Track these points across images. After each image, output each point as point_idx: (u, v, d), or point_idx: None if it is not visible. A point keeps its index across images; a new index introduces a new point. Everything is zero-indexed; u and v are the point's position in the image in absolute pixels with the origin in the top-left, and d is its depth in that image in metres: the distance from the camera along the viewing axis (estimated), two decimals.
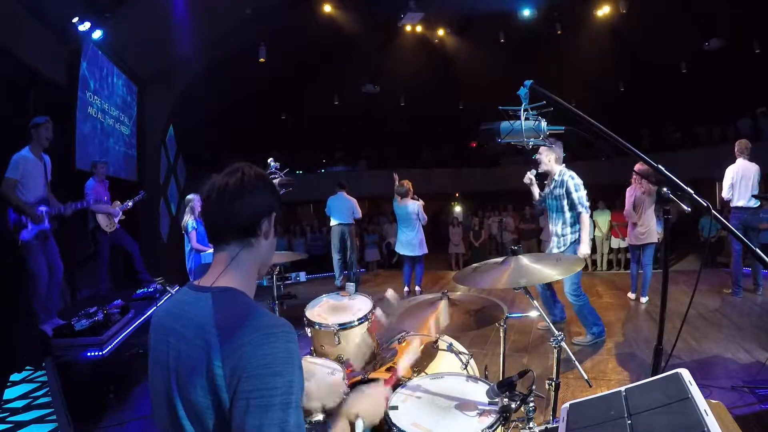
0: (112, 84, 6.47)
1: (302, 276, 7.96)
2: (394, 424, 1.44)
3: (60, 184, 4.18)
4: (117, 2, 5.73)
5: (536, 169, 4.05)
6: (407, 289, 6.24)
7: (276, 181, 3.18)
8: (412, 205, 5.95)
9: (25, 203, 3.64)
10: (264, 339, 0.89)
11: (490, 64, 12.22)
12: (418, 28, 11.72)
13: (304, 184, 10.76)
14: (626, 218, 5.38)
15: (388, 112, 14.55)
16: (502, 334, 2.03)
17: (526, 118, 1.49)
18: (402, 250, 6.14)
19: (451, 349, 2.08)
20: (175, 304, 1.06)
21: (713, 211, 1.21)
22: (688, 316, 4.37)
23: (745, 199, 4.96)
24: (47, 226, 3.78)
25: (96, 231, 5.24)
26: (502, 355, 2.09)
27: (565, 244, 3.91)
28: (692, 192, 1.23)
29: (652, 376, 1.21)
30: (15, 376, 3.13)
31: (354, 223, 6.95)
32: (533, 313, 1.91)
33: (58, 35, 5.11)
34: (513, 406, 1.45)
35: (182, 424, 0.94)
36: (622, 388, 1.19)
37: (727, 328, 4.19)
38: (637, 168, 4.03)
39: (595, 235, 10.26)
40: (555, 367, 1.85)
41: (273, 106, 13.88)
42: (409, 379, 1.84)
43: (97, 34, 5.59)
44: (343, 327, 2.15)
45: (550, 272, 1.85)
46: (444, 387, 1.68)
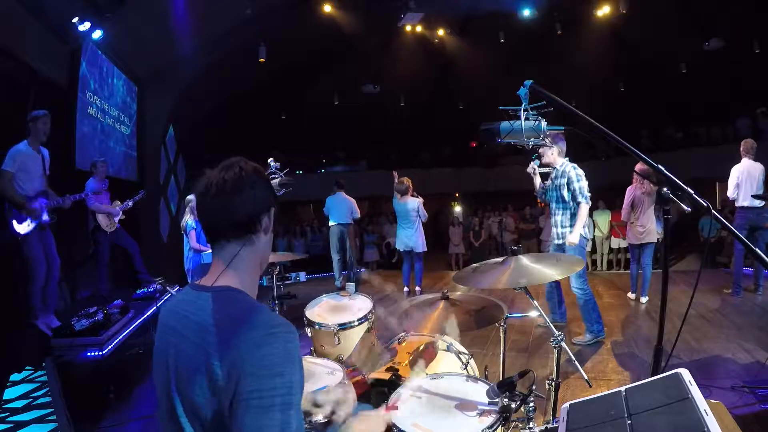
0: (112, 84, 6.47)
1: (302, 276, 8.00)
2: (395, 425, 1.44)
3: (60, 184, 4.18)
4: (117, 2, 5.73)
5: (539, 160, 4.05)
6: (407, 289, 6.24)
7: (276, 181, 3.18)
8: (412, 202, 5.95)
9: (23, 196, 3.64)
10: (263, 339, 0.88)
11: (490, 64, 12.22)
12: (418, 28, 11.71)
13: (304, 184, 10.78)
14: (622, 218, 5.39)
15: (388, 112, 14.55)
16: (502, 334, 2.03)
17: (526, 118, 1.49)
18: (402, 246, 6.14)
19: (451, 349, 2.08)
20: (177, 303, 1.06)
21: (713, 211, 1.20)
22: (688, 316, 4.37)
23: (751, 199, 4.96)
24: (46, 219, 3.79)
25: (96, 231, 5.24)
26: (502, 355, 2.09)
27: (565, 236, 3.90)
28: (692, 192, 1.22)
29: (652, 376, 1.21)
30: (15, 376, 3.13)
31: (352, 223, 6.95)
32: (533, 313, 1.91)
33: (58, 35, 5.11)
34: (513, 406, 1.45)
35: (181, 422, 0.94)
36: (622, 388, 1.19)
37: (727, 328, 4.19)
38: (638, 168, 4.03)
39: (595, 235, 10.26)
40: (555, 367, 1.86)
41: (273, 106, 13.88)
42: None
43: (97, 34, 5.59)
44: (343, 327, 2.15)
45: (550, 272, 1.85)
46: (444, 387, 1.68)
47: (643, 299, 5.27)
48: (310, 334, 2.25)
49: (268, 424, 0.83)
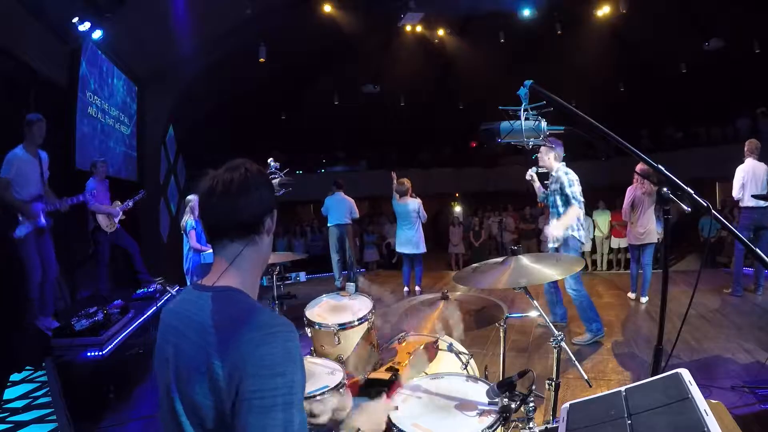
0: (112, 84, 6.47)
1: (302, 276, 7.99)
2: (395, 425, 1.44)
3: (60, 185, 4.18)
4: (117, 2, 5.73)
5: (536, 167, 4.08)
6: (407, 289, 6.24)
7: (276, 181, 3.18)
8: (413, 203, 5.94)
9: (20, 201, 3.62)
10: (263, 339, 0.88)
11: (490, 64, 12.22)
12: (418, 28, 11.71)
13: (304, 184, 10.77)
14: (623, 217, 5.39)
15: (388, 112, 14.54)
16: (502, 334, 2.03)
17: (526, 118, 1.49)
18: (402, 248, 6.13)
19: (451, 349, 2.08)
20: (179, 303, 1.06)
21: (713, 211, 1.20)
22: (688, 316, 4.37)
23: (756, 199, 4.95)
24: (43, 222, 3.77)
25: (96, 231, 5.24)
26: (502, 355, 2.09)
27: (558, 240, 3.93)
28: (692, 192, 1.22)
29: (652, 376, 1.21)
30: (15, 376, 3.13)
31: (351, 223, 6.93)
32: (533, 313, 1.91)
33: (58, 35, 5.11)
34: (513, 406, 1.45)
35: (181, 421, 0.94)
36: (622, 388, 1.19)
37: (727, 328, 4.19)
38: (639, 168, 4.03)
39: (595, 235, 10.27)
40: (555, 367, 1.85)
41: (273, 106, 13.87)
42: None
43: (97, 34, 5.59)
44: (343, 327, 2.15)
45: (550, 272, 1.85)
46: (444, 387, 1.68)
47: (643, 299, 5.27)
48: (310, 334, 2.24)
49: (271, 423, 0.84)
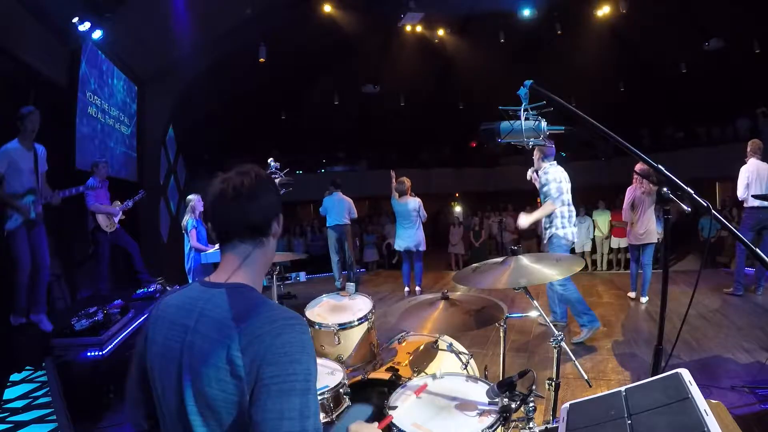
0: (112, 84, 6.47)
1: (302, 276, 7.98)
2: (395, 425, 1.44)
3: (60, 185, 4.17)
4: (117, 2, 5.74)
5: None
6: (407, 289, 6.24)
7: (276, 181, 3.18)
8: (413, 202, 5.95)
9: (10, 194, 3.60)
10: (281, 329, 0.93)
11: (490, 64, 12.21)
12: (418, 28, 11.71)
13: (304, 184, 10.77)
14: (623, 217, 5.39)
15: (388, 112, 14.54)
16: (502, 334, 2.03)
17: (526, 118, 1.49)
18: (401, 246, 6.13)
19: (451, 349, 2.08)
20: (185, 300, 1.06)
21: (713, 211, 1.20)
22: (688, 316, 4.37)
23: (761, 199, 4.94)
24: (33, 216, 3.71)
25: (96, 231, 5.24)
26: (502, 355, 2.09)
27: (546, 236, 4.04)
28: (692, 192, 1.22)
29: (652, 376, 1.21)
30: (15, 376, 3.13)
31: (350, 224, 6.92)
32: (533, 313, 1.91)
33: (58, 35, 5.10)
34: (513, 406, 1.45)
35: (190, 419, 0.94)
36: (622, 388, 1.19)
37: (727, 328, 4.19)
38: (638, 168, 4.04)
39: (595, 235, 10.26)
40: (555, 367, 1.85)
41: (273, 106, 13.87)
42: (409, 379, 1.84)
43: (97, 34, 5.58)
44: (343, 327, 2.15)
45: (549, 272, 1.85)
46: (444, 387, 1.68)
47: (643, 299, 5.26)
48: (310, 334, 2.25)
49: (288, 407, 0.87)
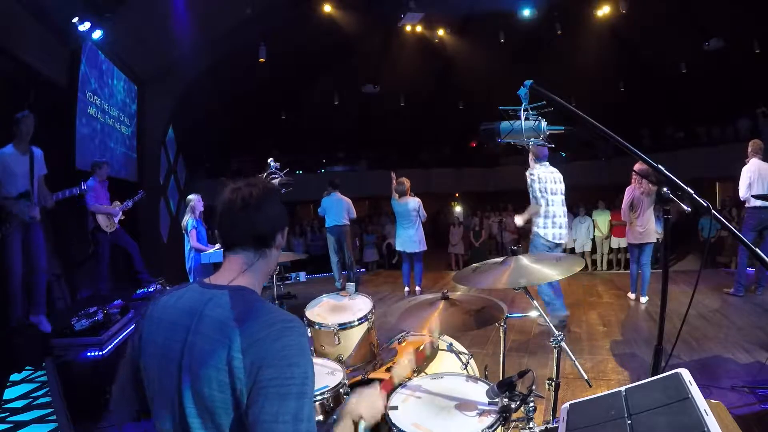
0: (112, 84, 6.47)
1: (302, 276, 7.97)
2: (394, 425, 1.44)
3: (60, 185, 4.17)
4: (117, 2, 5.73)
5: None
6: (407, 289, 6.24)
7: (276, 181, 3.18)
8: (413, 202, 5.95)
9: (5, 198, 3.59)
10: (281, 332, 0.94)
11: (490, 64, 12.20)
12: (418, 28, 11.71)
13: (304, 184, 10.76)
14: (622, 217, 5.39)
15: (388, 112, 14.54)
16: (502, 334, 2.03)
17: (526, 118, 1.49)
18: (401, 246, 6.13)
19: (451, 349, 2.08)
20: (184, 300, 1.06)
21: (713, 211, 1.20)
22: (688, 316, 4.37)
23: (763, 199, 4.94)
24: (27, 218, 3.70)
25: (96, 231, 5.24)
26: (502, 355, 2.09)
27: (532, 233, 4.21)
28: (692, 192, 1.22)
29: (652, 376, 1.21)
30: (15, 376, 3.13)
31: (350, 224, 6.91)
32: (533, 313, 1.91)
33: (58, 35, 5.10)
34: (513, 406, 1.45)
35: (189, 421, 0.94)
36: (622, 388, 1.19)
37: (727, 328, 4.19)
38: (637, 168, 4.03)
39: (595, 235, 10.26)
40: (555, 367, 1.85)
41: (273, 106, 13.86)
42: (409, 379, 1.84)
43: (97, 34, 5.58)
44: (343, 327, 2.15)
45: (549, 272, 1.85)
46: (444, 387, 1.68)
47: (643, 299, 5.26)
48: (310, 334, 2.25)
49: (283, 410, 0.88)
